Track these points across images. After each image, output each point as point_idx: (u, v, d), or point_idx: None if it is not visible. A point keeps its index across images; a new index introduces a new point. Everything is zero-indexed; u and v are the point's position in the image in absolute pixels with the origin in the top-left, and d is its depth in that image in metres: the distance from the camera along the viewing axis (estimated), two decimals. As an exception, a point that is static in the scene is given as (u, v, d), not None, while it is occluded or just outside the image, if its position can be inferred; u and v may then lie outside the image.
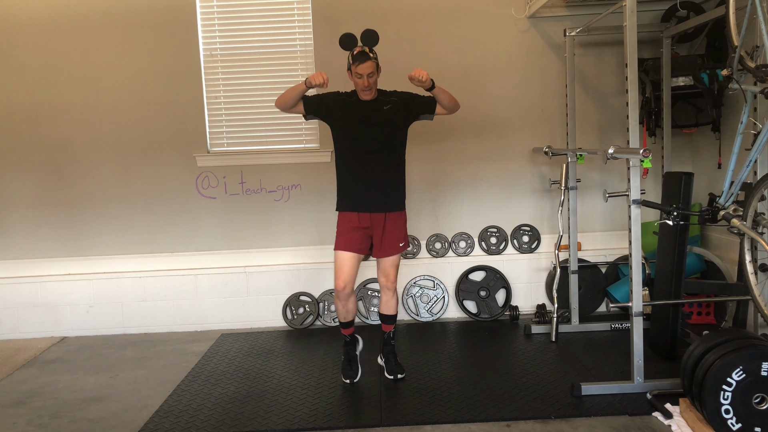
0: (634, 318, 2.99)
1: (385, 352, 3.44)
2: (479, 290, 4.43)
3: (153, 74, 4.43)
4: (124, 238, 4.52)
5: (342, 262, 3.21)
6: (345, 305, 3.29)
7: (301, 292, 4.44)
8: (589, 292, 4.36)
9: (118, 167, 4.49)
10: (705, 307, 4.03)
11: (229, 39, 4.46)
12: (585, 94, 4.44)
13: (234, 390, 3.33)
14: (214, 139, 4.53)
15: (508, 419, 2.85)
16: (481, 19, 4.41)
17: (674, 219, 3.17)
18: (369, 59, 3.08)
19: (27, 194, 4.49)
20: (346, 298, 3.26)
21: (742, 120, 2.88)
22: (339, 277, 3.20)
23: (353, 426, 2.87)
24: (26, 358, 3.99)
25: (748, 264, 2.75)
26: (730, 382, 2.50)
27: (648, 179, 4.37)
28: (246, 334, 4.31)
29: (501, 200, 4.55)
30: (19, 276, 4.47)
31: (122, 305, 4.45)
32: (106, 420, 3.05)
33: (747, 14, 2.65)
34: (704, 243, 4.25)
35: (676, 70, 3.95)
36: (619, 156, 2.87)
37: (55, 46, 4.40)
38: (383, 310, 3.40)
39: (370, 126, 3.18)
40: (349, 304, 3.30)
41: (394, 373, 3.35)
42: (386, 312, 3.40)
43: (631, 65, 2.94)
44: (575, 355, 3.62)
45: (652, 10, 4.21)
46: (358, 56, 3.08)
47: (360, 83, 3.13)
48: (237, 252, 4.53)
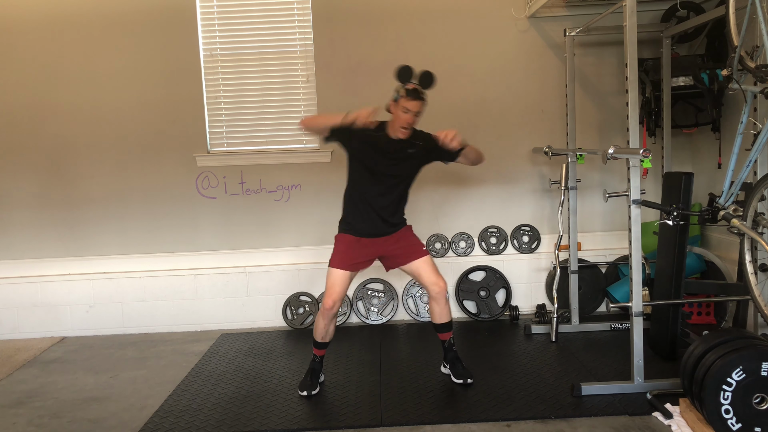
0: (634, 318, 2.99)
1: (450, 359, 3.32)
2: (479, 290, 4.43)
3: (153, 74, 4.43)
4: (124, 238, 4.52)
5: (334, 280, 3.12)
6: (328, 325, 3.18)
7: (301, 292, 4.44)
8: (589, 292, 4.36)
9: (118, 167, 4.49)
10: (705, 307, 4.03)
11: (229, 39, 4.46)
12: (585, 94, 4.44)
13: (234, 390, 3.34)
14: (214, 139, 4.53)
15: (508, 419, 2.85)
16: (481, 19, 4.41)
17: (674, 219, 3.17)
18: (421, 99, 3.01)
19: (27, 194, 4.49)
20: (332, 317, 3.17)
21: (742, 120, 2.88)
22: (330, 296, 3.11)
23: (353, 426, 2.87)
24: (26, 358, 3.99)
25: (748, 264, 2.75)
26: (730, 382, 2.50)
27: (648, 179, 4.37)
28: (246, 334, 4.32)
29: (501, 200, 4.55)
30: (19, 276, 4.47)
31: (122, 305, 4.45)
32: (106, 420, 3.05)
33: (747, 14, 2.65)
34: (704, 243, 4.25)
35: (676, 70, 3.95)
36: (619, 156, 2.87)
37: (55, 46, 4.40)
38: (439, 319, 3.24)
39: (391, 166, 3.12)
40: (332, 325, 3.20)
41: (463, 377, 3.24)
42: (442, 321, 3.24)
43: (631, 65, 2.94)
44: (575, 355, 3.62)
45: (652, 10, 4.21)
46: (413, 92, 2.99)
47: (404, 119, 3.03)
48: (237, 252, 4.53)
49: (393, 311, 4.45)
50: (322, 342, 3.26)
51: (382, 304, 4.44)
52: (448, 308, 3.25)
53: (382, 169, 3.12)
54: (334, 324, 3.24)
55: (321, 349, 3.29)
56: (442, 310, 3.23)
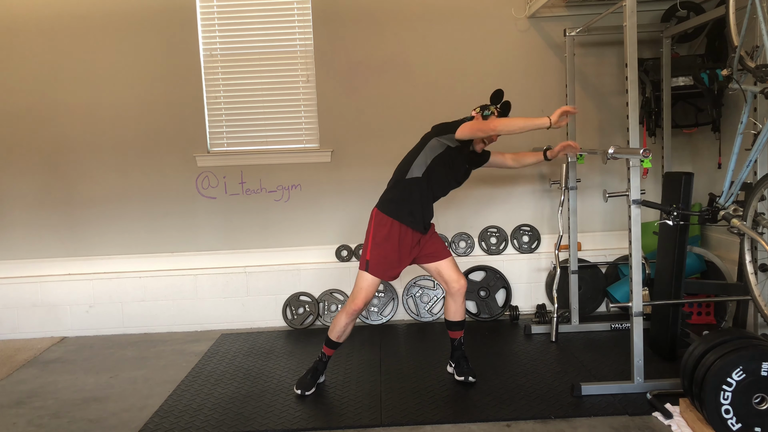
0: (634, 318, 2.99)
1: (456, 357, 3.35)
2: (479, 290, 4.43)
3: (153, 74, 4.43)
4: (124, 238, 4.52)
5: (369, 284, 3.14)
6: (348, 324, 3.21)
7: (301, 292, 4.44)
8: (589, 292, 4.36)
9: (118, 167, 4.49)
10: (705, 307, 4.03)
11: (229, 39, 4.46)
12: (585, 94, 4.44)
13: (234, 390, 3.34)
14: (214, 139, 4.53)
15: (508, 419, 2.85)
16: (481, 19, 4.41)
17: (674, 219, 3.17)
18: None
19: (27, 194, 4.50)
20: (355, 318, 3.22)
21: (742, 120, 2.88)
22: (361, 298, 3.14)
23: (353, 426, 2.87)
24: (26, 358, 4.00)
25: (748, 264, 2.75)
26: (730, 382, 2.50)
27: (648, 179, 4.37)
28: (246, 334, 4.32)
29: (501, 200, 4.55)
30: (19, 276, 4.47)
31: (122, 305, 4.45)
32: (106, 420, 3.05)
33: (747, 14, 2.65)
34: (704, 243, 4.25)
35: (676, 70, 3.95)
36: (619, 156, 2.87)
37: (55, 46, 4.40)
38: (453, 316, 3.30)
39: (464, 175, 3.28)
40: (351, 325, 3.23)
41: (465, 375, 3.27)
42: (457, 318, 3.31)
43: (631, 65, 2.94)
44: (575, 355, 3.62)
45: (652, 10, 4.21)
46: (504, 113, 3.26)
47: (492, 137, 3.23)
48: (237, 252, 4.53)
49: (393, 311, 4.45)
50: (336, 341, 3.26)
51: (382, 304, 4.44)
52: (464, 307, 3.32)
53: (459, 177, 3.28)
54: (353, 325, 3.25)
55: (332, 349, 3.30)
56: (458, 308, 3.30)
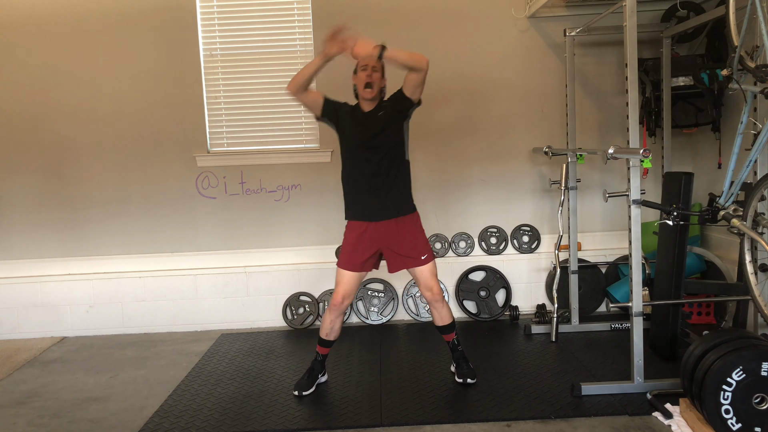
0: (634, 318, 2.99)
1: (456, 358, 3.35)
2: (479, 290, 4.43)
3: (153, 74, 4.43)
4: (124, 238, 4.52)
5: (341, 278, 3.18)
6: (334, 321, 3.21)
7: (301, 292, 4.44)
8: (589, 292, 4.36)
9: (118, 167, 4.49)
10: (705, 307, 4.03)
11: (229, 39, 4.46)
12: (585, 94, 4.44)
13: (234, 390, 3.34)
14: (214, 139, 4.53)
15: (508, 419, 2.85)
16: (481, 19, 4.41)
17: (674, 219, 3.17)
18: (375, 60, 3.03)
19: (27, 194, 4.50)
20: (340, 314, 3.21)
21: (742, 120, 2.88)
22: (338, 292, 3.16)
23: (353, 426, 2.87)
24: (26, 358, 4.00)
25: (748, 264, 2.75)
26: (730, 382, 2.50)
27: (648, 179, 4.37)
28: (246, 334, 4.32)
29: (501, 200, 4.55)
30: (19, 276, 4.47)
31: (122, 305, 4.45)
32: (106, 420, 3.05)
33: (747, 14, 2.65)
34: (704, 243, 4.25)
35: (676, 70, 3.95)
36: (619, 156, 2.87)
37: (55, 46, 4.40)
38: (438, 322, 3.29)
39: (370, 136, 3.12)
40: (338, 321, 3.23)
41: (465, 377, 3.26)
42: (442, 323, 3.29)
43: (631, 65, 2.94)
44: (575, 355, 3.62)
45: (652, 10, 4.21)
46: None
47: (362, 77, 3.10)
48: (237, 252, 4.53)
49: (393, 311, 4.45)
50: (326, 339, 3.26)
51: (382, 304, 4.44)
52: (446, 311, 3.28)
53: (365, 140, 3.12)
54: (340, 322, 3.25)
55: (324, 347, 3.30)
56: (440, 314, 3.27)
